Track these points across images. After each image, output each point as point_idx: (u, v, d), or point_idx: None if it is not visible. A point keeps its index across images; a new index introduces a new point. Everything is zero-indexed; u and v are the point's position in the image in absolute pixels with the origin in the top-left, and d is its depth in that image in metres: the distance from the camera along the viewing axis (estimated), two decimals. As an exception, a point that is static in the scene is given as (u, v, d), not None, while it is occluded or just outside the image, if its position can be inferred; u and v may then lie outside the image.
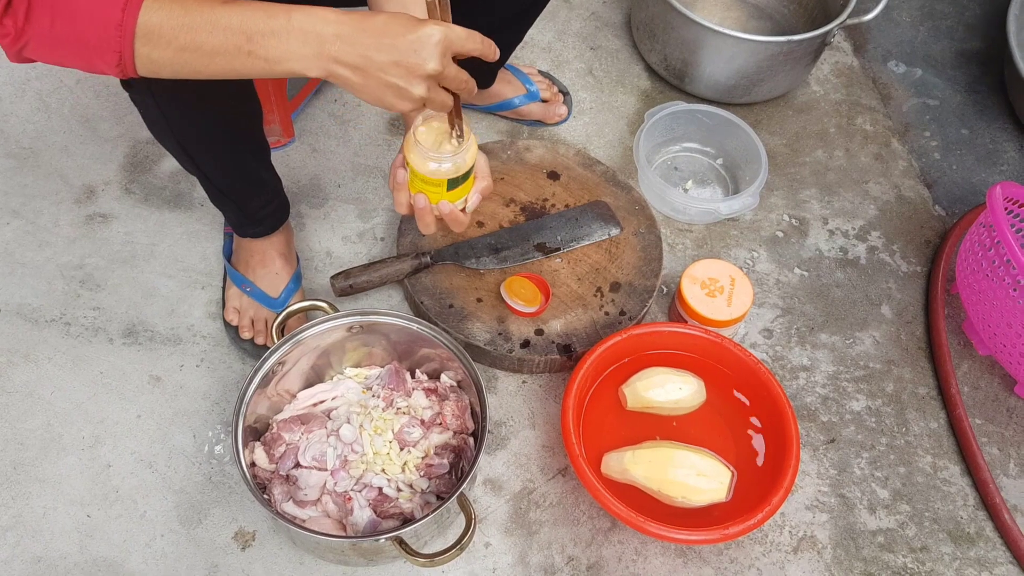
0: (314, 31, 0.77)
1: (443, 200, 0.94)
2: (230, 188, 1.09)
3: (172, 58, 0.76)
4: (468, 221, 0.97)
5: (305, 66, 0.78)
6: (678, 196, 1.36)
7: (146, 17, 0.73)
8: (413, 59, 0.78)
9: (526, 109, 1.45)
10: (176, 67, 0.78)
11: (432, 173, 0.90)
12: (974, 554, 1.11)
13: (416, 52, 0.78)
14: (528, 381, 1.21)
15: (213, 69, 0.78)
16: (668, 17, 1.44)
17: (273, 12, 0.76)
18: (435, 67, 0.78)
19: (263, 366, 1.01)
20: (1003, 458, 1.19)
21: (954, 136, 1.57)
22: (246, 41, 0.76)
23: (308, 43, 0.77)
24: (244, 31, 0.76)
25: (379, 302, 1.26)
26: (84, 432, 1.12)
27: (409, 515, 1.00)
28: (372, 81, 0.79)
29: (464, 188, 0.94)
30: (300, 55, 0.77)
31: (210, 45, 0.76)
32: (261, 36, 0.76)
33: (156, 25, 0.74)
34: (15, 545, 1.04)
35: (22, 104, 1.42)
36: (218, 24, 0.75)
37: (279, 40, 0.76)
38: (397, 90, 0.80)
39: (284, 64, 0.78)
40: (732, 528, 0.98)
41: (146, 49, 0.75)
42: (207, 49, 0.76)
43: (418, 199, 0.94)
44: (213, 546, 1.05)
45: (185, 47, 0.75)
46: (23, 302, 1.22)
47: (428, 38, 0.78)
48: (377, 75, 0.79)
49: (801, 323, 1.30)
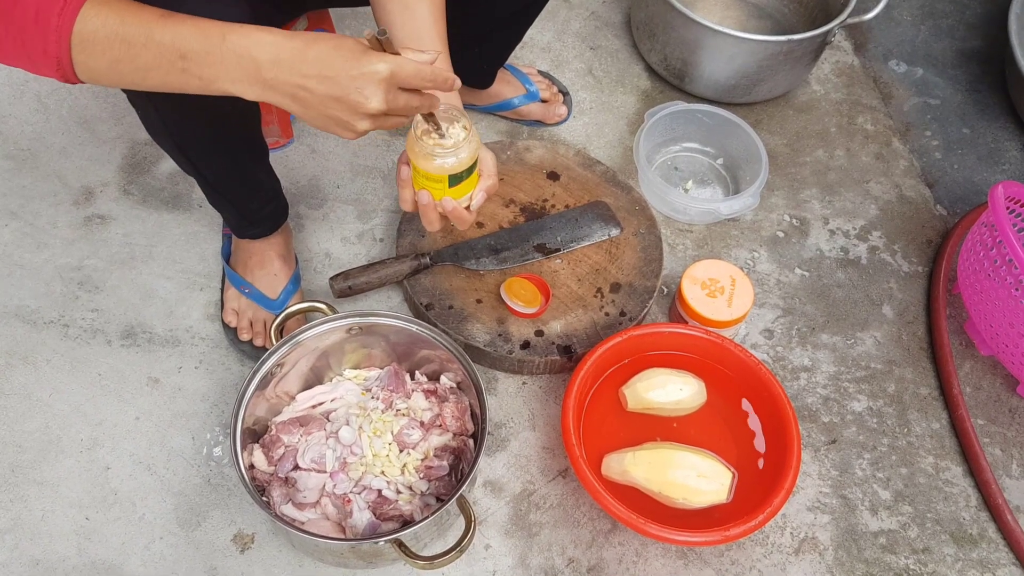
0: (248, 55, 0.74)
1: (446, 197, 0.94)
2: (228, 189, 1.09)
3: (108, 68, 0.75)
4: (472, 218, 0.97)
5: (240, 89, 0.76)
6: (678, 196, 1.36)
7: (81, 25, 0.72)
8: (355, 97, 0.75)
9: (526, 109, 1.45)
10: (113, 78, 0.76)
11: (433, 169, 0.91)
12: (976, 555, 1.11)
13: (359, 89, 0.75)
14: (528, 382, 1.21)
15: (150, 83, 0.76)
16: (668, 17, 1.44)
17: (208, 32, 0.74)
18: (378, 106, 0.76)
19: (262, 368, 1.01)
20: (1005, 459, 1.19)
21: (955, 135, 1.57)
22: (180, 59, 0.74)
23: (242, 67, 0.75)
24: (178, 48, 0.74)
25: (378, 303, 1.26)
26: (82, 434, 1.12)
27: (409, 517, 1.00)
28: (312, 112, 0.77)
29: (467, 185, 0.94)
30: (234, 78, 0.75)
31: (143, 60, 0.74)
32: (195, 55, 0.74)
33: (90, 33, 0.72)
34: (13, 548, 1.04)
35: (20, 105, 1.42)
36: (152, 39, 0.73)
37: (213, 61, 0.74)
38: (340, 123, 0.78)
39: (218, 84, 0.76)
40: (733, 529, 0.97)
41: (82, 57, 0.74)
42: (140, 64, 0.74)
43: (421, 195, 0.94)
44: (212, 548, 1.05)
45: (119, 59, 0.74)
46: (21, 304, 1.22)
47: (372, 76, 0.75)
48: (317, 107, 0.76)
49: (802, 323, 1.30)
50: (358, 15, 1.59)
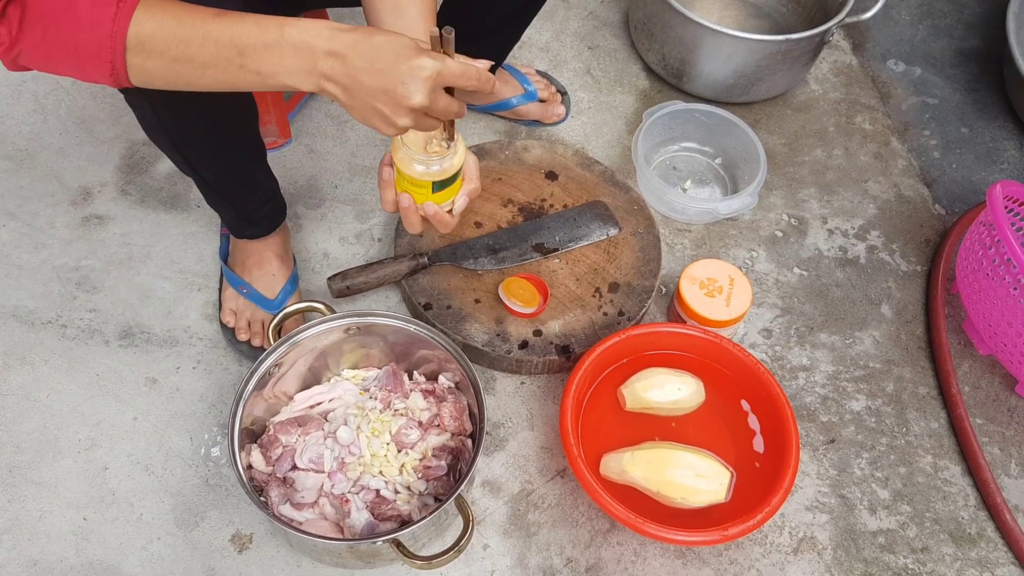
0: (307, 46, 0.75)
1: (428, 201, 0.93)
2: (226, 189, 1.09)
3: (165, 69, 0.76)
4: (454, 223, 0.97)
5: (298, 81, 0.77)
6: (677, 196, 1.35)
7: (137, 28, 0.72)
8: (401, 90, 0.76)
9: (524, 109, 1.45)
10: (169, 78, 0.77)
11: (418, 175, 0.90)
12: (975, 555, 1.11)
13: (404, 84, 0.76)
14: (526, 382, 1.21)
15: (206, 81, 0.77)
16: (666, 16, 1.44)
17: (265, 25, 0.75)
18: (421, 101, 0.77)
19: (260, 368, 1.01)
20: (1004, 458, 1.19)
21: (954, 135, 1.57)
22: (238, 55, 0.75)
23: (301, 58, 0.76)
24: (236, 44, 0.75)
25: (376, 303, 1.26)
26: (80, 435, 1.12)
27: (407, 517, 1.00)
28: (359, 103, 0.78)
29: (451, 190, 0.94)
30: (292, 70, 0.76)
31: (202, 58, 0.75)
32: (253, 50, 0.75)
33: (147, 36, 0.73)
34: (11, 549, 1.03)
35: (18, 106, 1.42)
36: (209, 36, 0.74)
37: (271, 54, 0.75)
38: (382, 116, 0.79)
39: (276, 78, 0.77)
40: (731, 529, 0.97)
41: (138, 60, 0.74)
42: (199, 61, 0.75)
43: (403, 198, 0.94)
44: (210, 549, 1.05)
45: (177, 59, 0.75)
46: (19, 304, 1.22)
47: (419, 71, 0.76)
48: (365, 99, 0.78)
49: (800, 323, 1.30)
50: (357, 15, 1.59)
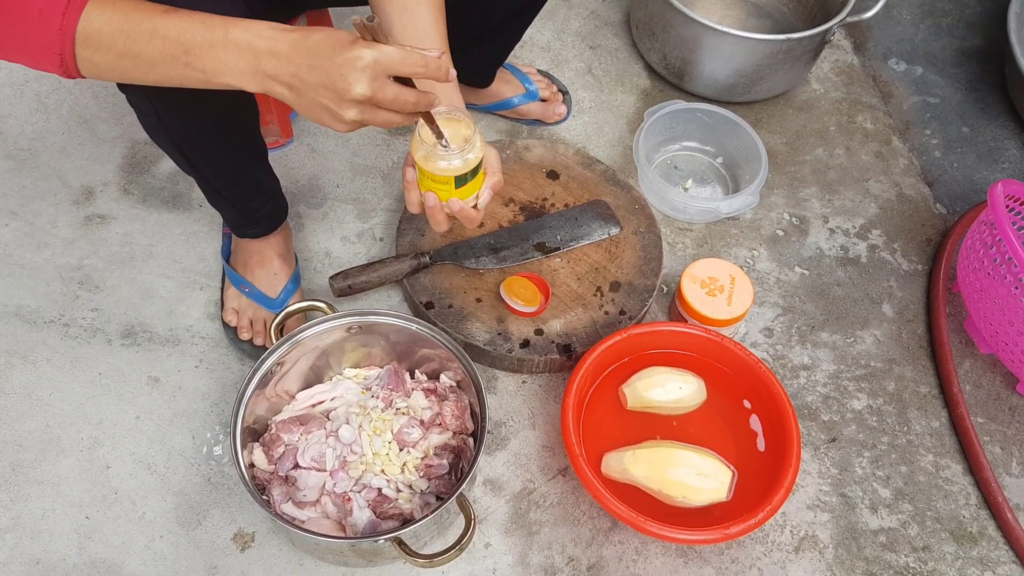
0: (249, 46, 0.76)
1: (453, 197, 0.94)
2: (227, 189, 1.09)
3: (112, 64, 0.77)
4: (480, 217, 0.98)
5: (241, 80, 0.78)
6: (678, 195, 1.36)
7: (86, 22, 0.74)
8: (340, 83, 0.76)
9: (525, 108, 1.45)
10: (117, 73, 0.79)
11: (439, 171, 0.91)
12: (976, 553, 1.11)
13: (342, 76, 0.76)
14: (528, 381, 1.21)
15: (153, 77, 0.79)
16: (667, 16, 1.44)
17: (211, 25, 0.77)
18: (363, 91, 0.77)
19: (262, 367, 1.01)
20: (1005, 457, 1.19)
21: (955, 134, 1.57)
22: (183, 53, 0.76)
23: (243, 58, 0.77)
24: (181, 42, 0.76)
25: (378, 302, 1.26)
26: (83, 433, 1.12)
27: (409, 516, 1.00)
28: (305, 101, 0.79)
29: (474, 184, 0.94)
30: (235, 69, 0.77)
31: (148, 54, 0.76)
32: (198, 48, 0.76)
33: (96, 31, 0.75)
34: (14, 547, 1.04)
35: (20, 105, 1.42)
36: (156, 33, 0.76)
37: (216, 53, 0.76)
38: (329, 111, 0.79)
39: (220, 77, 0.78)
40: (733, 528, 0.97)
41: (86, 53, 0.76)
42: (145, 58, 0.76)
43: (428, 197, 0.94)
44: (212, 547, 1.05)
45: (124, 54, 0.76)
46: (22, 303, 1.22)
47: (355, 61, 0.76)
48: (309, 95, 0.78)
49: (802, 322, 1.30)
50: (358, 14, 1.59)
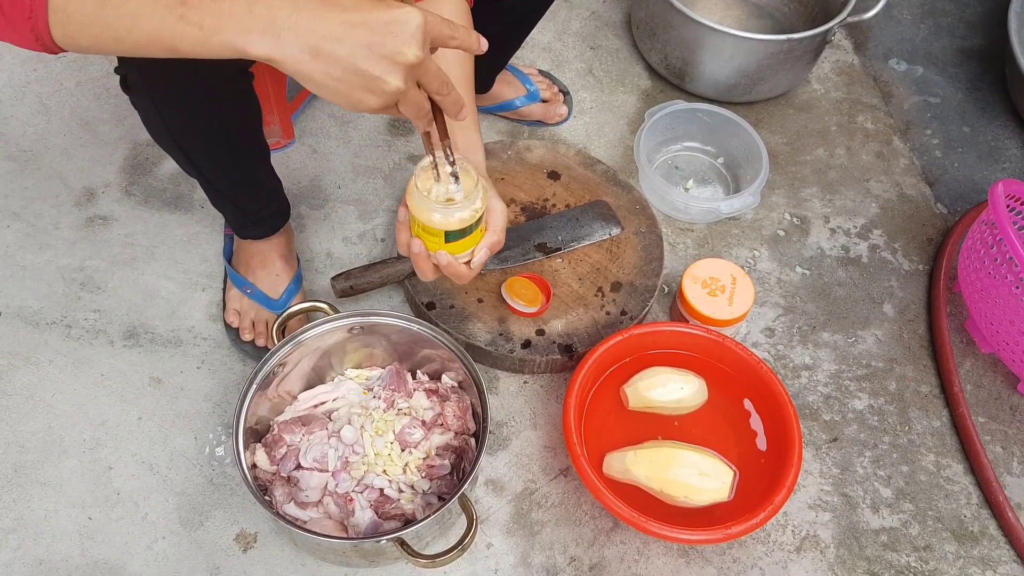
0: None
1: (441, 251, 0.87)
2: (229, 190, 1.09)
3: (91, 17, 0.62)
4: (472, 275, 0.90)
5: (248, 41, 0.63)
6: (679, 195, 1.36)
7: None
8: (391, 43, 0.64)
9: (527, 110, 1.45)
10: (95, 30, 0.63)
11: (431, 223, 0.84)
12: (978, 553, 1.11)
13: (394, 35, 0.64)
14: (529, 381, 1.21)
15: (137, 36, 0.63)
16: (668, 16, 1.44)
17: None
18: (417, 53, 0.65)
19: (264, 367, 1.01)
20: (1006, 456, 1.19)
21: (955, 134, 1.57)
22: (179, 3, 0.62)
23: (254, 13, 0.62)
24: None
25: (380, 303, 1.26)
26: (85, 434, 1.12)
27: (411, 516, 1.00)
28: (336, 68, 0.64)
29: (468, 241, 0.87)
30: (242, 26, 0.62)
31: (132, 5, 0.62)
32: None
33: None
34: (16, 548, 1.04)
35: (22, 107, 1.42)
36: None
37: (219, 5, 0.62)
38: (368, 80, 0.65)
39: (221, 35, 0.63)
40: (734, 528, 0.98)
41: (60, 11, 0.61)
42: (131, 6, 0.62)
43: (415, 244, 0.88)
44: (215, 548, 1.05)
45: (104, 2, 0.62)
46: (24, 305, 1.22)
47: (408, 20, 0.65)
48: (344, 60, 0.64)
49: (803, 322, 1.30)
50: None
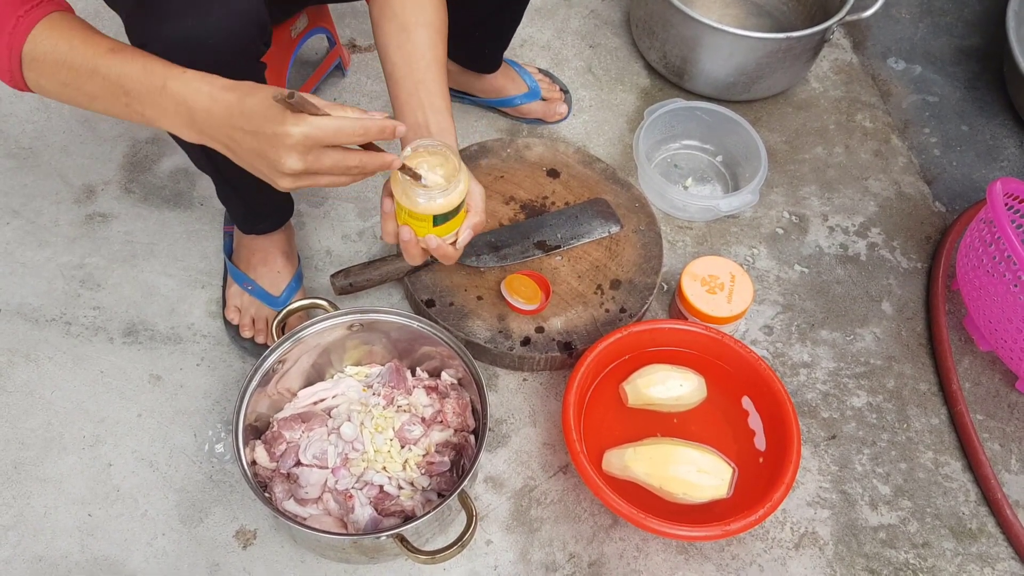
0: (184, 102, 0.77)
1: (430, 234, 0.90)
2: (243, 183, 1.09)
3: (56, 90, 0.78)
4: (458, 255, 0.95)
5: (178, 131, 0.79)
6: (678, 193, 1.36)
7: (32, 45, 0.75)
8: (271, 155, 0.77)
9: (527, 107, 1.45)
10: (63, 98, 0.80)
11: (417, 208, 0.87)
12: (976, 550, 1.11)
13: (273, 148, 0.76)
14: (529, 379, 1.21)
15: (96, 108, 0.79)
16: (667, 14, 1.44)
17: (152, 71, 0.77)
18: (294, 166, 0.77)
19: (263, 364, 1.01)
20: (1004, 454, 1.19)
21: (954, 132, 1.57)
22: (123, 94, 0.77)
23: (179, 112, 0.77)
24: (122, 85, 0.77)
25: (379, 300, 1.26)
26: (85, 431, 1.12)
27: (410, 513, 1.00)
28: (243, 160, 0.80)
29: (453, 223, 0.91)
30: (172, 121, 0.78)
31: (89, 89, 0.77)
32: (137, 94, 0.77)
33: (40, 55, 0.75)
34: (16, 544, 1.04)
35: (22, 104, 1.42)
36: (98, 72, 0.76)
37: (153, 100, 0.77)
38: (265, 176, 0.80)
39: (159, 123, 0.79)
40: (733, 524, 0.98)
41: (32, 75, 0.77)
42: (86, 91, 0.77)
43: (403, 231, 0.91)
44: (214, 544, 1.05)
45: (66, 83, 0.77)
46: (23, 302, 1.22)
47: (284, 138, 0.75)
48: (246, 157, 0.79)
49: (802, 320, 1.30)
50: (358, 13, 1.59)
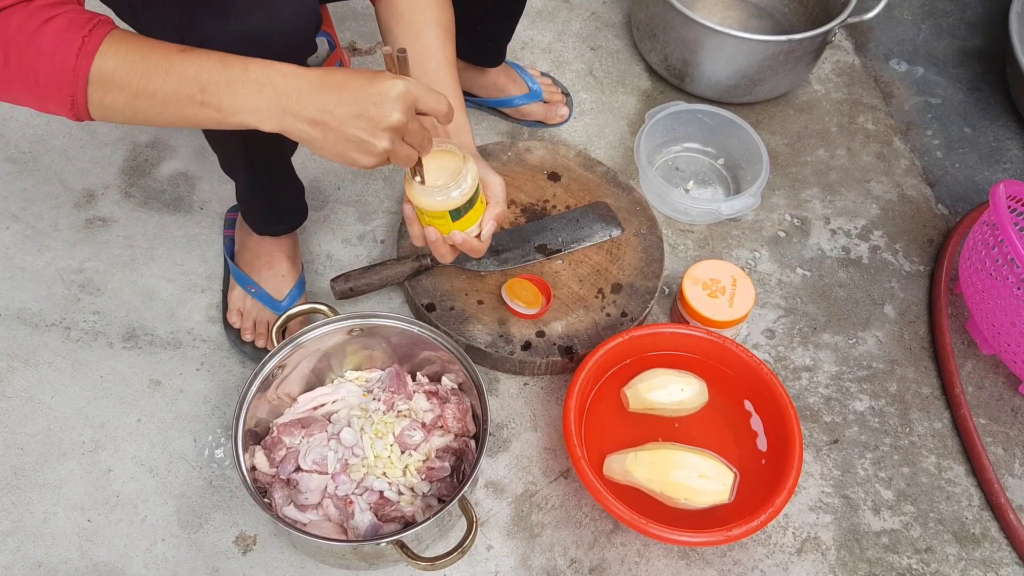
0: (270, 83, 0.76)
1: (454, 230, 0.95)
2: (270, 182, 1.10)
3: (125, 103, 0.76)
4: (485, 247, 0.99)
5: (260, 119, 0.77)
6: (679, 196, 1.36)
7: (101, 63, 0.73)
8: (375, 111, 0.77)
9: (527, 109, 1.45)
10: (129, 112, 0.77)
11: (432, 207, 0.92)
12: (979, 555, 1.11)
13: (378, 104, 0.77)
14: (529, 383, 1.21)
15: (165, 118, 0.78)
16: (668, 17, 1.44)
17: (229, 63, 0.76)
18: (398, 119, 0.78)
19: (263, 369, 1.01)
20: (1008, 458, 1.19)
21: (956, 134, 1.56)
22: (199, 91, 0.75)
23: (263, 94, 0.76)
24: (198, 80, 0.75)
25: (379, 305, 1.26)
26: (84, 437, 1.12)
27: (410, 518, 1.00)
28: (333, 135, 0.78)
29: (472, 215, 0.95)
30: (254, 107, 0.76)
31: (163, 92, 0.75)
32: (215, 86, 0.75)
33: (110, 70, 0.74)
34: (16, 550, 1.04)
35: (21, 108, 1.42)
36: (173, 71, 0.75)
37: (232, 90, 0.76)
38: (360, 144, 0.79)
39: (237, 115, 0.77)
40: (735, 530, 0.97)
41: (99, 94, 0.75)
42: (160, 96, 0.75)
43: (429, 232, 0.96)
44: (214, 550, 1.05)
45: (138, 93, 0.75)
46: (23, 306, 1.22)
47: (390, 90, 0.78)
48: (339, 128, 0.78)
49: (803, 323, 1.30)
50: (358, 15, 1.59)
